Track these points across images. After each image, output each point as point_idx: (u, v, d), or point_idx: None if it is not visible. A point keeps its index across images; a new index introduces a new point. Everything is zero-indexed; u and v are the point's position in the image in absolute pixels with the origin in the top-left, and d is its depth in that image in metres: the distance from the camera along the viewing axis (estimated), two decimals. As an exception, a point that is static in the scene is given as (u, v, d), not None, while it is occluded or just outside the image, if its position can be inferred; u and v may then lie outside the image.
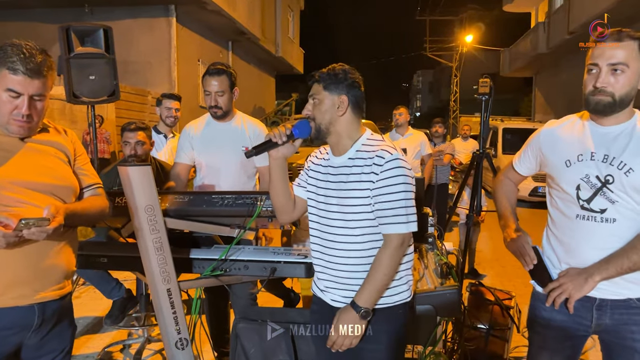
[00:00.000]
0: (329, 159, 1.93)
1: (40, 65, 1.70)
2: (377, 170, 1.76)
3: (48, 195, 1.75)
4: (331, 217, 1.86)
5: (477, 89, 3.61)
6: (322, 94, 1.84)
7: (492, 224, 7.57)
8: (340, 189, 1.84)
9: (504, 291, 3.26)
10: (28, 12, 12.11)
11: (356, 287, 1.82)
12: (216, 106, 2.98)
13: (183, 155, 3.11)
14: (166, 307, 2.27)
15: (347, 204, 1.81)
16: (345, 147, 1.87)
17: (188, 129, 3.12)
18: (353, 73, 1.88)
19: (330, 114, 1.84)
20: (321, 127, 1.84)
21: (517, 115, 25.03)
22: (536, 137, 2.03)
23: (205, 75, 2.99)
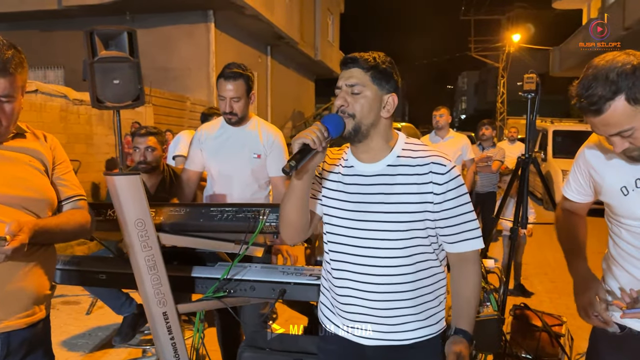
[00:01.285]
0: (354, 165, 1.59)
1: (7, 62, 1.48)
2: (438, 180, 1.50)
3: (18, 209, 1.54)
4: (368, 237, 1.53)
5: (522, 85, 3.23)
6: (370, 86, 1.51)
7: (540, 233, 7.08)
8: (380, 202, 1.52)
9: (553, 315, 2.86)
10: (72, 21, 12.39)
11: (396, 318, 1.53)
12: (231, 112, 2.73)
13: (192, 162, 2.88)
14: (163, 332, 2.03)
15: (393, 219, 1.51)
16: (382, 152, 1.56)
17: (199, 133, 2.89)
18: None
19: (376, 113, 1.52)
20: (361, 127, 1.50)
21: (568, 117, 23.91)
22: (581, 156, 1.67)
23: (220, 78, 2.74)
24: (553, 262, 6.08)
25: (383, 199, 1.52)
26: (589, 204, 1.74)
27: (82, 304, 4.50)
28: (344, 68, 1.55)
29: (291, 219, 1.58)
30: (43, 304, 1.63)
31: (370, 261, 1.53)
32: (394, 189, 1.52)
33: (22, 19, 12.84)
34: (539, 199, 11.06)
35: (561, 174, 9.53)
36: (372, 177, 1.55)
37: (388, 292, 1.53)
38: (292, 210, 1.55)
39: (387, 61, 1.54)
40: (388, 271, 1.52)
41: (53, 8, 12.52)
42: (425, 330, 1.58)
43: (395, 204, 1.51)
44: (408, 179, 1.51)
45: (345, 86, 1.52)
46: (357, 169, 1.59)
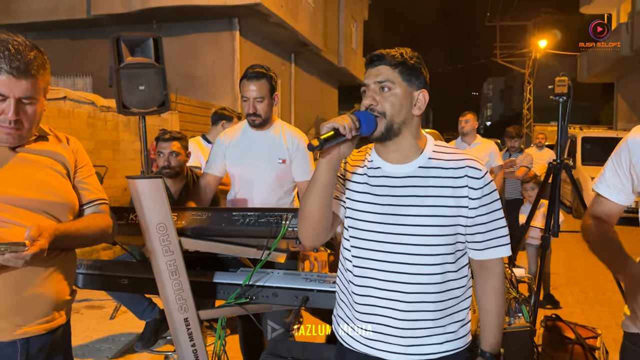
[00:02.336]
0: (381, 167, 1.52)
1: (29, 64, 1.47)
2: (474, 184, 1.45)
3: (39, 213, 1.52)
4: (398, 242, 1.45)
5: (552, 89, 3.12)
6: (399, 82, 1.45)
7: (570, 242, 6.89)
8: (412, 205, 1.45)
9: (587, 327, 2.74)
10: (100, 30, 12.62)
11: (422, 330, 1.45)
12: (255, 114, 2.69)
13: (213, 166, 2.83)
14: (184, 339, 2.00)
15: (426, 223, 1.44)
16: (413, 153, 1.50)
17: (222, 138, 2.86)
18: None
19: (407, 110, 1.46)
20: (393, 125, 1.45)
21: (596, 124, 23.41)
22: (623, 147, 1.56)
23: (243, 79, 2.71)
24: (583, 272, 5.90)
25: (415, 201, 1.45)
26: (622, 208, 1.63)
27: (106, 308, 4.52)
28: (370, 66, 1.49)
29: (313, 215, 1.46)
30: (63, 309, 1.61)
31: (398, 267, 1.45)
32: (427, 191, 1.46)
33: (52, 28, 13.16)
34: (568, 207, 10.78)
35: (590, 182, 9.26)
36: (403, 179, 1.48)
37: (415, 302, 1.45)
38: (315, 205, 1.45)
39: (415, 56, 1.49)
40: (417, 279, 1.45)
41: (82, 17, 12.81)
42: (452, 344, 1.50)
43: (428, 207, 1.44)
44: (442, 181, 1.46)
45: (373, 84, 1.46)
46: (385, 170, 1.51)
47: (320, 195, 1.44)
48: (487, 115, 60.28)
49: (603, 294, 5.06)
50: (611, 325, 4.07)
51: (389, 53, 1.47)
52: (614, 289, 3.54)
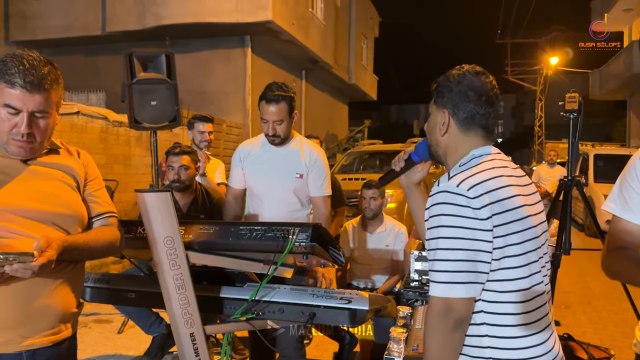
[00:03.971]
0: None
1: (42, 78, 1.50)
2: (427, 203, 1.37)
3: (48, 225, 1.53)
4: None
5: (563, 105, 3.10)
6: (432, 107, 1.51)
7: (582, 261, 6.78)
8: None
9: (600, 348, 2.68)
10: (115, 46, 12.83)
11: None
12: (274, 135, 2.71)
13: (235, 180, 2.88)
14: (189, 354, 1.99)
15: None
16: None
17: (239, 151, 2.88)
18: (471, 79, 1.41)
19: (435, 133, 1.48)
20: (431, 149, 1.54)
21: (609, 141, 23.24)
22: (636, 161, 1.44)
23: (262, 100, 2.70)
24: (597, 291, 5.79)
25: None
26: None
27: (114, 322, 4.51)
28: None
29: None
30: (70, 322, 1.61)
31: None
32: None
33: (68, 44, 13.42)
34: (580, 225, 10.65)
35: (603, 199, 9.14)
36: None
37: None
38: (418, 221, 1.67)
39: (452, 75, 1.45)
40: None
41: (97, 34, 13.06)
42: None
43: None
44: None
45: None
46: None
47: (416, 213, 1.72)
48: (498, 132, 60.12)
49: (616, 313, 4.96)
50: (624, 346, 3.98)
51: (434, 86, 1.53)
52: (627, 309, 3.48)
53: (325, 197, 2.81)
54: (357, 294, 1.96)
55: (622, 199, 1.44)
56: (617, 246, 1.42)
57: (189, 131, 4.24)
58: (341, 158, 12.08)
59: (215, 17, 12.18)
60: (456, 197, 1.27)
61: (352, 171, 11.03)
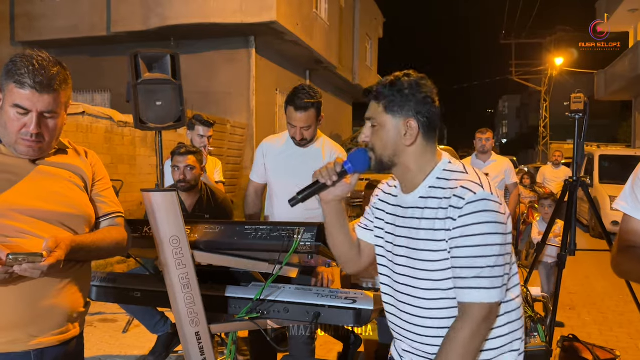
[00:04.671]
0: (397, 195, 1.52)
1: (52, 79, 1.51)
2: (454, 214, 1.32)
3: (56, 225, 1.55)
4: (399, 273, 1.46)
5: (568, 105, 3.09)
6: (383, 117, 1.42)
7: (588, 262, 6.76)
8: (409, 237, 1.42)
9: (605, 349, 2.68)
10: (120, 47, 12.88)
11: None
12: (302, 139, 2.74)
13: (256, 174, 2.93)
14: (195, 353, 2.00)
15: (417, 257, 1.40)
16: (416, 182, 1.45)
17: (263, 146, 2.92)
18: (424, 84, 1.43)
19: (395, 143, 1.42)
20: (383, 159, 1.43)
21: (614, 142, 23.15)
22: None
23: (290, 106, 2.67)
24: (602, 292, 5.78)
25: (412, 233, 1.42)
26: None
27: (120, 322, 4.53)
28: (365, 98, 1.51)
29: (335, 252, 1.62)
30: (77, 321, 1.62)
31: (401, 298, 1.48)
32: (421, 224, 1.41)
33: (73, 45, 13.47)
34: (585, 226, 10.62)
35: (609, 200, 9.15)
36: (407, 210, 1.47)
37: (420, 327, 1.44)
38: (332, 243, 1.61)
39: (406, 82, 1.43)
40: (415, 311, 1.44)
41: (102, 34, 13.10)
42: None
43: (419, 240, 1.40)
44: (434, 212, 1.38)
45: (366, 120, 1.49)
46: (399, 199, 1.52)
47: (332, 233, 1.59)
48: (503, 132, 59.96)
49: (622, 314, 4.94)
50: (630, 347, 3.97)
51: (374, 87, 1.48)
52: (633, 310, 3.47)
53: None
54: (362, 294, 1.97)
55: (634, 198, 1.43)
56: (627, 245, 1.42)
57: (188, 131, 4.25)
58: (345, 158, 12.09)
59: (220, 17, 12.21)
60: (493, 204, 1.32)
61: (356, 172, 11.04)
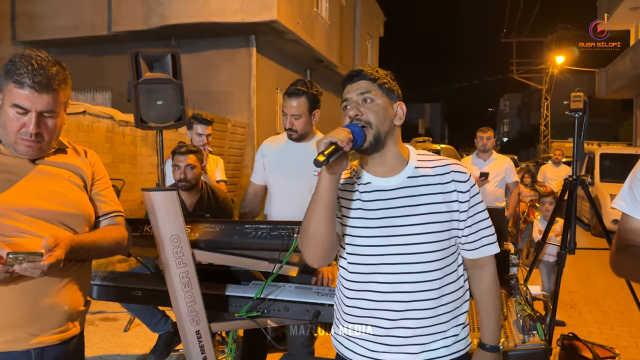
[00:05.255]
0: (370, 182, 1.53)
1: (50, 79, 1.52)
2: (462, 188, 1.51)
3: (56, 224, 1.55)
4: (396, 252, 1.47)
5: (568, 104, 3.09)
6: (380, 94, 1.50)
7: (588, 260, 6.76)
8: (407, 215, 1.48)
9: (605, 347, 2.68)
10: (120, 46, 12.90)
11: (428, 337, 1.47)
12: (291, 129, 2.73)
13: (257, 176, 2.93)
14: (195, 351, 2.01)
15: (422, 231, 1.47)
16: (399, 164, 1.53)
17: (263, 147, 2.93)
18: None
19: (390, 121, 1.50)
20: (380, 135, 1.47)
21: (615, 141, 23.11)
22: None
23: (285, 94, 2.77)
24: (603, 291, 5.78)
25: (409, 211, 1.48)
26: None
27: (121, 320, 4.54)
28: (349, 82, 1.54)
29: (319, 234, 1.45)
30: (77, 320, 1.63)
31: (399, 277, 1.47)
32: (419, 200, 1.49)
33: (74, 44, 13.49)
34: (586, 225, 10.62)
35: (609, 199, 9.14)
36: (394, 191, 1.51)
37: (418, 310, 1.47)
38: (321, 224, 1.43)
39: (388, 74, 1.57)
40: (417, 287, 1.47)
41: (103, 34, 13.12)
42: (456, 346, 1.53)
43: (422, 214, 1.48)
44: (432, 189, 1.51)
45: (355, 96, 1.50)
46: (375, 184, 1.53)
47: (326, 212, 1.43)
48: (504, 131, 59.94)
49: (622, 313, 4.95)
50: (630, 345, 3.98)
51: (366, 70, 1.55)
52: (633, 309, 3.47)
53: None
54: (361, 293, 1.97)
55: (633, 197, 1.44)
56: (626, 244, 1.42)
57: (187, 131, 4.26)
58: (346, 157, 12.09)
59: (221, 17, 12.21)
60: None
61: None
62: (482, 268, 1.58)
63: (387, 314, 1.47)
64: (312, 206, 1.46)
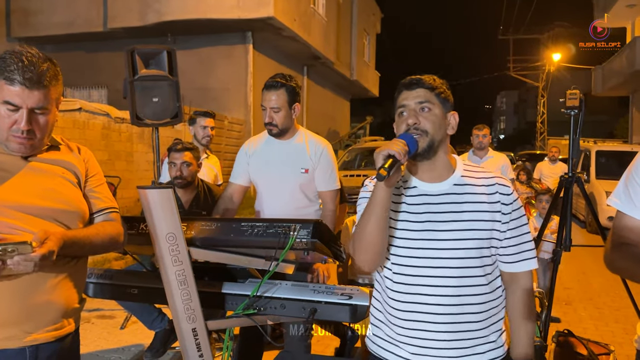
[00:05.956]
0: (417, 186, 1.58)
1: (41, 75, 1.51)
2: (505, 200, 1.56)
3: (49, 221, 1.54)
4: (439, 257, 1.51)
5: (564, 102, 3.10)
6: (437, 104, 1.56)
7: (584, 257, 6.78)
8: (451, 220, 1.52)
9: (600, 344, 2.69)
10: (116, 43, 12.85)
11: (468, 341, 1.51)
12: (271, 123, 2.67)
13: (237, 176, 2.84)
14: (192, 349, 2.00)
15: (465, 237, 1.51)
16: (447, 171, 1.59)
17: (245, 147, 2.86)
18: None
19: (444, 130, 1.56)
20: (434, 143, 1.53)
21: (611, 138, 23.21)
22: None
23: (263, 88, 2.70)
24: (598, 288, 5.80)
25: (453, 217, 1.53)
26: None
27: (117, 318, 4.54)
28: (408, 89, 1.57)
29: (373, 240, 1.49)
30: (72, 317, 1.62)
31: (441, 281, 1.50)
32: (463, 207, 1.54)
33: (69, 41, 13.44)
34: (582, 221, 10.65)
35: (605, 196, 9.17)
36: (439, 197, 1.56)
37: (460, 314, 1.50)
38: (374, 232, 1.48)
39: (444, 83, 1.61)
40: (460, 291, 1.51)
41: (99, 30, 13.08)
42: (495, 352, 1.55)
43: (466, 221, 1.52)
44: (477, 197, 1.55)
45: (414, 104, 1.55)
46: (421, 188, 1.58)
47: (381, 222, 1.48)
48: (501, 128, 60.04)
49: (618, 310, 4.97)
50: (625, 342, 3.99)
51: (424, 78, 1.58)
52: (629, 305, 3.48)
53: (333, 192, 2.77)
54: (358, 290, 1.97)
55: (627, 195, 1.44)
56: (620, 242, 1.43)
57: (190, 127, 4.25)
58: (343, 154, 12.10)
59: (217, 13, 12.19)
60: None
61: (353, 168, 11.05)
62: (519, 282, 1.59)
63: (431, 317, 1.50)
64: (366, 216, 1.50)
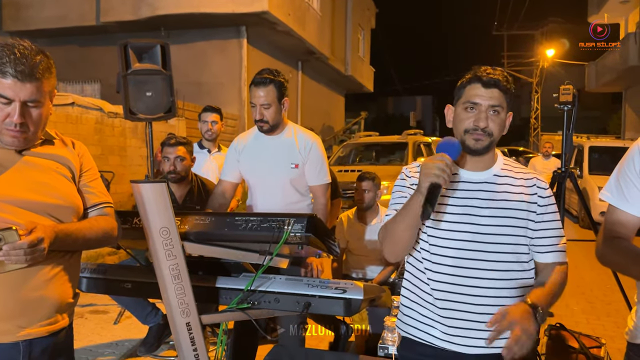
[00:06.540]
0: (458, 173, 1.69)
1: (34, 67, 1.49)
2: (543, 193, 1.68)
3: (43, 215, 1.54)
4: (476, 240, 1.61)
5: (557, 97, 3.11)
6: (505, 107, 1.65)
7: (576, 252, 6.82)
8: (488, 207, 1.64)
9: (591, 337, 2.71)
10: (109, 37, 12.77)
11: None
12: (262, 120, 2.66)
13: (228, 172, 2.83)
14: (186, 343, 2.01)
15: (502, 223, 1.63)
16: (490, 162, 1.71)
17: (235, 143, 2.85)
18: None
19: (504, 130, 1.69)
20: (493, 143, 1.67)
21: (604, 134, 23.32)
22: (635, 152, 1.46)
23: (251, 85, 2.69)
24: (590, 282, 5.85)
25: (492, 204, 1.63)
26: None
27: (111, 313, 4.53)
28: (484, 86, 1.61)
29: (402, 239, 1.64)
30: (66, 312, 1.62)
31: (479, 264, 1.59)
32: (502, 195, 1.64)
33: (62, 35, 13.32)
34: (574, 217, 10.72)
35: (598, 191, 9.23)
36: (479, 184, 1.67)
37: (495, 297, 1.58)
38: (406, 230, 1.61)
39: (511, 81, 1.67)
40: (496, 275, 1.59)
41: (92, 24, 12.97)
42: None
43: (503, 209, 1.62)
44: (514, 189, 1.66)
45: (487, 105, 1.61)
46: (462, 176, 1.69)
47: (413, 222, 1.58)
48: (494, 124, 60.18)
49: (609, 304, 5.01)
50: (616, 335, 4.03)
51: (500, 80, 1.62)
52: (620, 299, 3.51)
53: (324, 186, 2.77)
54: (352, 284, 1.98)
55: (619, 189, 1.48)
56: (612, 236, 1.45)
57: (199, 123, 4.29)
58: (337, 150, 12.08)
59: (211, 7, 12.11)
60: None
61: (348, 163, 11.04)
62: (557, 269, 1.66)
63: (467, 298, 1.59)
64: (399, 218, 1.62)
